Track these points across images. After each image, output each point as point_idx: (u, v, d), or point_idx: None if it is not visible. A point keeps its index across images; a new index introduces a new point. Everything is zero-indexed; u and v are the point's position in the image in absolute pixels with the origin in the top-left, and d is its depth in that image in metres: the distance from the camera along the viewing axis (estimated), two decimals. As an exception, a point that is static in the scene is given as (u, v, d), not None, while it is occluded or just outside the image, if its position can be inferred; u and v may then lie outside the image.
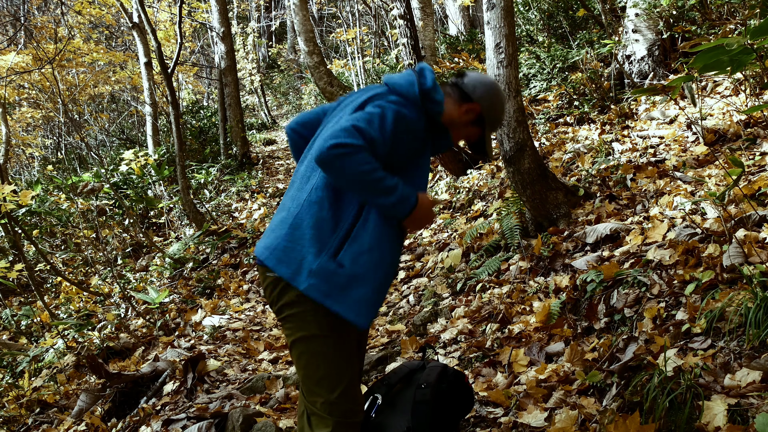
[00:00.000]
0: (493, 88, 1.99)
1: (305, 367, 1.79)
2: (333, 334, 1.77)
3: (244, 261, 6.64)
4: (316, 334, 1.76)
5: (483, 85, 1.96)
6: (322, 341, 1.77)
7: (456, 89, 1.97)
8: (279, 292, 1.77)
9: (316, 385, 1.78)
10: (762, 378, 2.04)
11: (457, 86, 1.97)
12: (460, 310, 3.90)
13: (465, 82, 1.96)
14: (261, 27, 22.69)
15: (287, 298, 1.76)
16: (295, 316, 1.77)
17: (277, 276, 1.75)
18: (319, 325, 1.76)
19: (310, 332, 1.76)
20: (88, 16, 13.53)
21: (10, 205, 4.89)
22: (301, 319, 1.76)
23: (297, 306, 1.75)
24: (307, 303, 1.74)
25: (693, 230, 3.19)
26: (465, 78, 1.98)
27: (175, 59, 7.86)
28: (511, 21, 4.07)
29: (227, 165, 10.95)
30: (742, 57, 1.63)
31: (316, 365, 1.77)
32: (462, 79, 1.97)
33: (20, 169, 14.21)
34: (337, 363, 1.78)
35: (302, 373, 1.81)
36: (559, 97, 6.59)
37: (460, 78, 1.98)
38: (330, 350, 1.77)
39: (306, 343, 1.78)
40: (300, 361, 1.80)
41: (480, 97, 1.94)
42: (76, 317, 5.54)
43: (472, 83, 1.96)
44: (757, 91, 4.70)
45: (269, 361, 4.06)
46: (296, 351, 1.81)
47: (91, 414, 3.54)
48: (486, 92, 1.96)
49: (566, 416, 2.35)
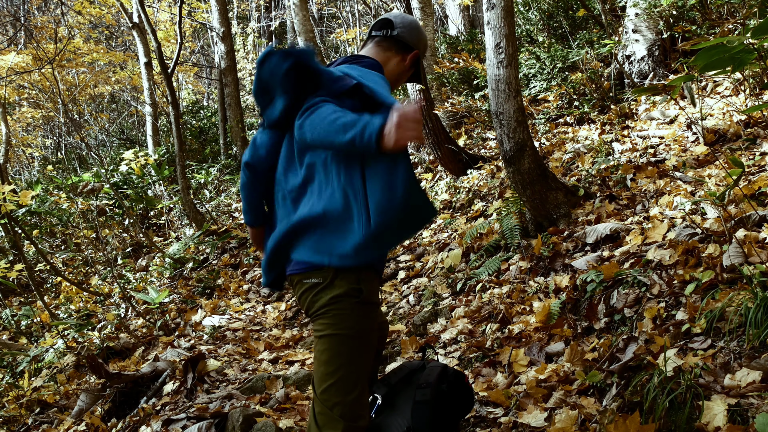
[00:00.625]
0: (418, 24, 1.97)
1: (326, 364, 1.77)
2: (363, 336, 1.78)
3: (244, 261, 6.64)
4: (348, 333, 1.76)
5: (415, 28, 1.93)
6: (350, 342, 1.76)
7: (393, 42, 1.91)
8: (319, 291, 1.76)
9: (334, 385, 1.76)
10: (762, 378, 2.04)
11: (392, 39, 1.91)
12: (460, 310, 3.90)
13: (401, 33, 1.91)
14: (261, 27, 22.69)
15: (331, 293, 1.75)
16: (332, 312, 1.76)
17: (323, 273, 1.74)
18: (354, 323, 1.76)
19: (343, 331, 1.75)
20: (88, 16, 13.53)
21: (10, 206, 4.88)
22: (337, 316, 1.75)
23: (338, 302, 1.75)
24: (350, 300, 1.74)
25: (693, 230, 3.19)
26: (396, 27, 1.91)
27: (175, 59, 7.86)
28: (511, 21, 4.07)
29: (227, 165, 10.95)
30: (743, 56, 1.63)
31: (338, 365, 1.76)
32: (394, 30, 1.91)
33: (20, 169, 14.21)
34: (358, 367, 1.78)
35: (322, 370, 1.78)
36: (559, 97, 6.59)
37: (390, 29, 1.91)
38: (356, 353, 1.77)
39: (335, 341, 1.76)
40: (322, 357, 1.78)
41: (417, 40, 1.93)
42: (76, 317, 5.54)
43: (406, 30, 1.91)
44: (757, 91, 4.70)
45: (269, 361, 4.06)
46: (322, 347, 1.78)
47: (91, 414, 3.54)
48: (418, 33, 1.94)
49: (566, 416, 2.34)
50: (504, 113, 4.10)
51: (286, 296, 5.61)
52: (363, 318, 1.77)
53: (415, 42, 1.96)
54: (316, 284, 1.77)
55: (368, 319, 1.80)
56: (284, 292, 5.70)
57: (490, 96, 4.20)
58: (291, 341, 4.48)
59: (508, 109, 4.08)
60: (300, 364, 3.88)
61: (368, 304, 1.80)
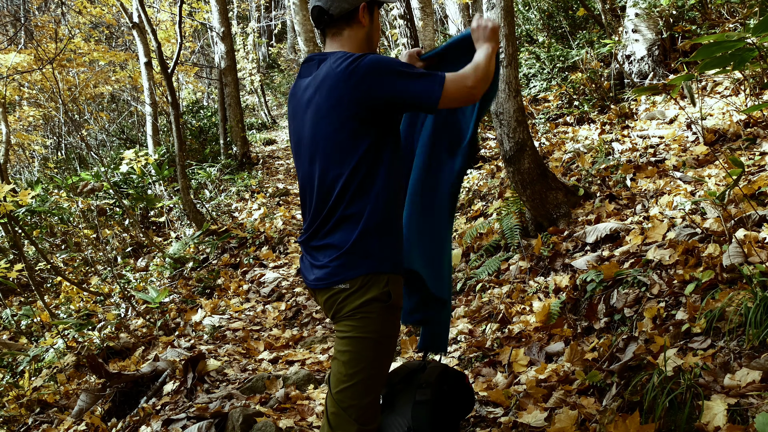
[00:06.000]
0: None
1: (346, 366, 1.76)
2: (386, 341, 1.79)
3: (244, 261, 6.64)
4: (372, 337, 1.76)
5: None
6: (374, 346, 1.76)
7: (339, 22, 1.86)
8: (349, 296, 1.76)
9: (351, 387, 1.75)
10: (762, 378, 2.04)
11: (336, 21, 1.86)
12: (460, 310, 3.90)
13: (336, 11, 1.83)
14: (261, 27, 22.69)
15: (365, 296, 1.75)
16: (359, 315, 1.75)
17: (351, 281, 1.75)
18: (380, 327, 1.76)
19: (369, 334, 1.75)
20: (88, 16, 13.54)
21: (10, 205, 4.88)
22: (364, 319, 1.75)
23: (368, 305, 1.74)
24: (378, 304, 1.74)
25: (693, 230, 3.19)
26: (330, 10, 1.84)
27: (175, 59, 7.86)
28: (511, 21, 4.07)
29: (227, 165, 10.95)
30: (743, 54, 1.63)
31: (359, 368, 1.75)
32: (331, 14, 1.84)
33: (20, 169, 14.22)
34: (377, 371, 1.79)
35: (341, 371, 1.77)
36: (559, 97, 6.59)
37: (327, 15, 1.85)
38: (377, 358, 1.78)
39: (359, 344, 1.76)
40: (342, 358, 1.77)
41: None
42: (76, 317, 5.54)
43: (335, 3, 1.84)
44: (757, 91, 4.70)
45: (269, 361, 4.06)
46: (344, 348, 1.77)
47: (91, 414, 3.54)
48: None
49: (566, 416, 2.34)
50: (504, 113, 4.10)
51: (286, 296, 5.61)
52: (389, 323, 1.78)
53: (351, 0, 1.85)
54: (344, 290, 1.76)
55: (393, 324, 1.81)
56: (284, 292, 5.70)
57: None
58: (291, 341, 4.48)
59: (508, 108, 4.08)
60: (300, 364, 3.88)
61: (395, 308, 1.81)
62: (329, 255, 1.78)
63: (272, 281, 5.93)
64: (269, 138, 14.49)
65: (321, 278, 1.80)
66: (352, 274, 1.74)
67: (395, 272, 1.80)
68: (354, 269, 1.75)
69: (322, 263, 1.80)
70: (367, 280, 1.74)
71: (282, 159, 12.10)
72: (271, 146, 13.74)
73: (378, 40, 1.97)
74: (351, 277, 1.74)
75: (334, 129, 1.76)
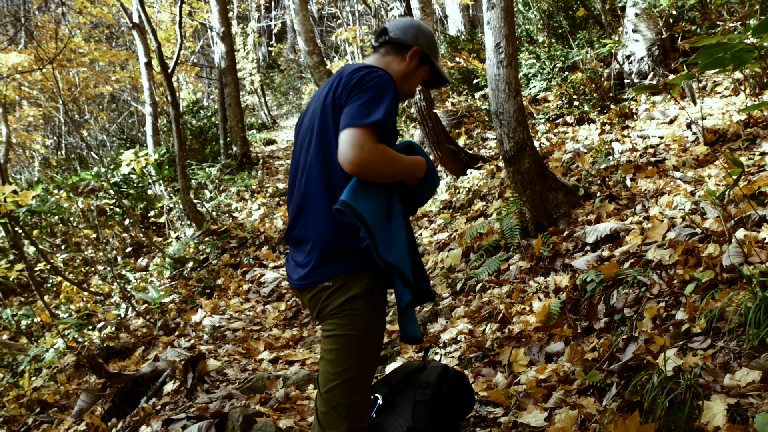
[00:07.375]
0: (416, 23, 2.02)
1: (333, 364, 1.77)
2: (372, 338, 1.80)
3: (244, 261, 6.64)
4: (358, 335, 1.76)
5: (409, 27, 1.99)
6: (359, 344, 1.77)
7: (390, 46, 1.98)
8: (332, 294, 1.77)
9: (340, 386, 1.76)
10: (762, 378, 2.04)
11: (389, 43, 1.98)
12: (460, 310, 3.90)
13: (394, 35, 1.98)
14: (261, 27, 22.69)
15: (345, 295, 1.76)
16: (344, 313, 1.76)
17: (333, 279, 1.76)
18: (366, 324, 1.77)
19: (354, 332, 1.76)
20: (88, 16, 13.54)
21: (10, 206, 4.88)
22: (348, 317, 1.76)
23: (351, 303, 1.75)
24: (362, 301, 1.76)
25: (693, 230, 3.19)
26: (390, 32, 1.99)
27: (175, 59, 7.86)
28: (511, 21, 4.07)
29: (227, 165, 10.96)
30: (743, 54, 1.63)
31: (346, 366, 1.76)
32: (389, 35, 1.99)
33: (21, 168, 14.22)
34: (365, 368, 1.80)
35: (328, 370, 1.78)
36: (559, 97, 6.59)
37: (385, 35, 1.99)
38: (364, 355, 1.78)
39: (345, 342, 1.76)
40: (329, 357, 1.78)
41: (414, 37, 1.97)
42: (76, 317, 5.54)
43: (399, 30, 1.98)
44: (756, 91, 4.70)
45: (269, 361, 4.06)
46: (330, 347, 1.78)
47: (91, 414, 3.54)
48: (415, 30, 1.98)
49: (566, 416, 2.35)
50: (504, 113, 4.10)
51: (286, 296, 5.61)
52: (373, 320, 1.79)
53: (412, 39, 1.97)
54: (327, 287, 1.77)
55: (378, 321, 1.82)
56: (284, 292, 5.70)
57: (490, 96, 4.20)
58: (291, 341, 4.48)
59: (508, 108, 4.08)
60: (300, 364, 3.88)
61: (379, 305, 1.81)
62: (305, 250, 1.81)
63: (272, 281, 5.93)
64: (269, 138, 14.49)
65: (303, 277, 1.81)
66: (335, 272, 1.76)
67: (377, 270, 1.81)
68: (336, 267, 1.76)
69: (303, 262, 1.82)
70: (348, 278, 1.76)
71: (282, 159, 12.10)
72: (271, 146, 13.75)
73: (408, 92, 2.02)
74: (333, 275, 1.76)
75: (325, 121, 1.80)
